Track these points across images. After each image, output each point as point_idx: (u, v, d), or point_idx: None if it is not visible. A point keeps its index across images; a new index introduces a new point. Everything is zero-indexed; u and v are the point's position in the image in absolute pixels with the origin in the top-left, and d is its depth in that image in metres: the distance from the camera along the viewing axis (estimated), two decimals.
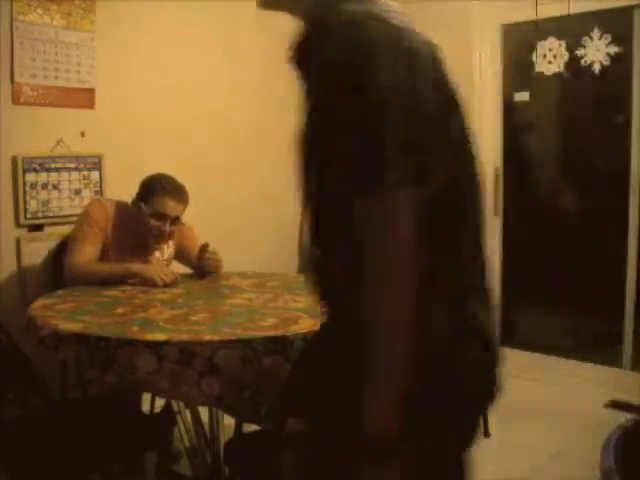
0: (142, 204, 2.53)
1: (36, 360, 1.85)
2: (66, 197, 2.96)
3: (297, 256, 4.06)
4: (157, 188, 2.52)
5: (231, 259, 2.75)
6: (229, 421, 2.38)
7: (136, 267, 2.48)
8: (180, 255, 2.81)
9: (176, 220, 2.56)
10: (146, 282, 2.40)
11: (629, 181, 3.44)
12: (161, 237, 2.57)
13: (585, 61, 3.53)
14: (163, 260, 2.72)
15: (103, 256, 2.56)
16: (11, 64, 2.77)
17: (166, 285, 2.40)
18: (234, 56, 3.63)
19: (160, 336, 1.72)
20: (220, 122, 3.59)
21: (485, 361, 1.13)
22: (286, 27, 1.21)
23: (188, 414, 2.42)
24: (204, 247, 2.62)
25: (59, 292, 2.35)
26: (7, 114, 2.77)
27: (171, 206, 2.50)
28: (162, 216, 2.51)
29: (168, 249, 2.75)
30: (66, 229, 2.81)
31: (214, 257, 2.63)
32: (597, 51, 3.48)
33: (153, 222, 2.52)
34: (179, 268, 2.80)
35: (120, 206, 2.63)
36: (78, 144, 2.99)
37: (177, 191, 2.53)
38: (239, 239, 3.67)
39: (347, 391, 1.06)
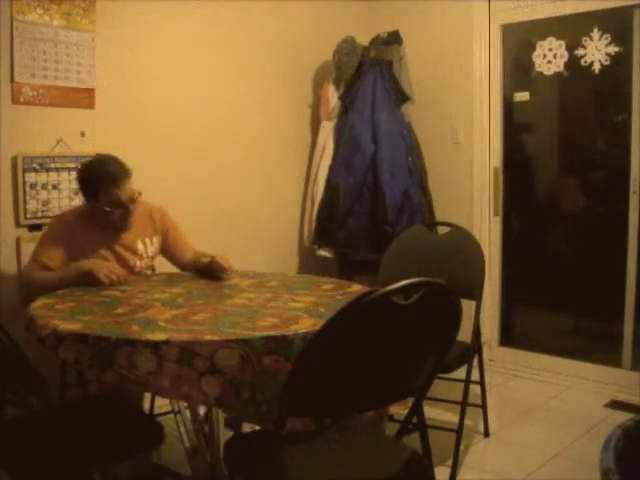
0: (95, 202, 2.48)
1: (36, 360, 1.85)
2: (66, 197, 2.96)
3: (297, 256, 4.07)
4: (99, 181, 2.46)
5: (232, 259, 2.74)
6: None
7: (86, 265, 2.40)
8: (165, 252, 2.78)
9: (133, 197, 2.51)
10: (95, 282, 2.35)
11: (629, 181, 3.44)
12: (126, 219, 2.53)
13: (585, 61, 3.53)
14: (147, 257, 2.69)
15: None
16: (11, 64, 2.77)
17: (113, 284, 2.35)
18: (238, 55, 3.63)
19: (160, 336, 1.72)
20: (221, 122, 3.59)
21: None
22: (288, 23, 1.22)
23: (188, 414, 2.42)
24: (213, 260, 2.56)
25: (59, 292, 2.35)
26: (7, 114, 2.78)
27: (122, 192, 2.47)
28: (119, 204, 2.49)
29: (152, 246, 2.70)
30: None
31: (223, 265, 2.54)
32: (597, 51, 3.48)
33: (113, 210, 2.49)
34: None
35: (78, 212, 2.60)
36: (78, 144, 2.99)
37: (119, 175, 2.47)
38: (239, 239, 3.67)
39: None
